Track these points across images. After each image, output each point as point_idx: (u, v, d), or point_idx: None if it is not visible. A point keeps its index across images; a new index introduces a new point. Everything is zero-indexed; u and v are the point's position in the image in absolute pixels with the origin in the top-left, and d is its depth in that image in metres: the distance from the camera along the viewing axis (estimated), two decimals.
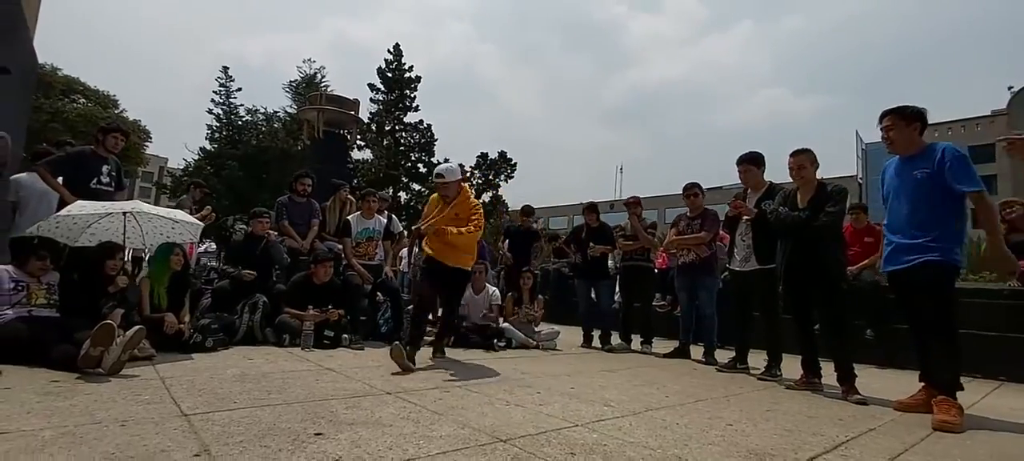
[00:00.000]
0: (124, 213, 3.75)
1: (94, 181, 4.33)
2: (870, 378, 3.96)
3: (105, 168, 4.46)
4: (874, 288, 5.21)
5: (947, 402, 2.61)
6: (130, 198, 4.99)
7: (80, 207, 3.58)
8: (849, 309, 3.95)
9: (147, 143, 29.57)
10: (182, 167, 26.55)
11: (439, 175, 3.84)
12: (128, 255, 5.58)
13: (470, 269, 4.09)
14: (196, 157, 25.89)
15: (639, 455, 1.84)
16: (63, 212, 3.61)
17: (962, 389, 2.72)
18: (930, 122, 3.08)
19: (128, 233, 3.70)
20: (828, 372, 3.39)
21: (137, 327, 2.81)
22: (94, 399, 2.18)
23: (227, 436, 1.78)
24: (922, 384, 2.96)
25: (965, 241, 2.84)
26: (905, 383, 3.43)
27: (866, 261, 5.43)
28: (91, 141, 4.63)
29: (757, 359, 4.13)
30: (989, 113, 38.91)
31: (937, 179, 2.81)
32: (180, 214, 4.12)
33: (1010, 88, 37.08)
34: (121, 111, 27.55)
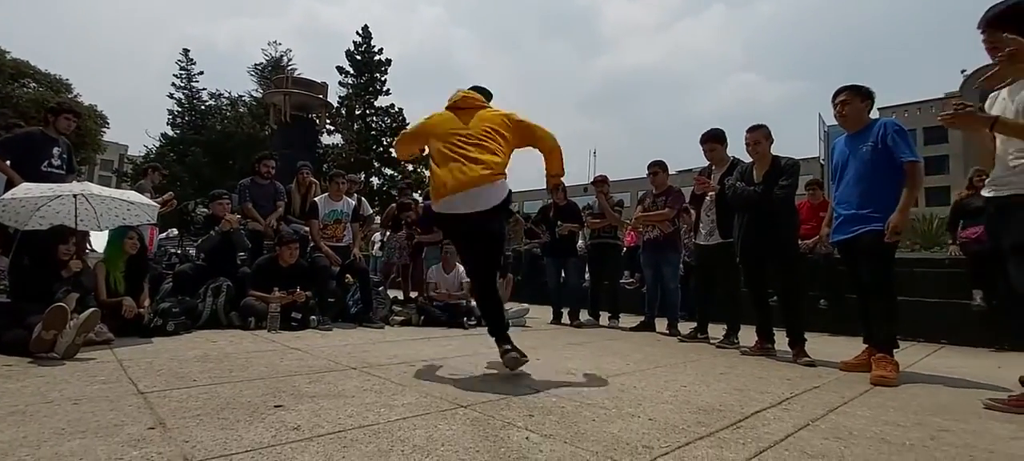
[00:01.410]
0: (74, 196, 3.62)
1: (45, 163, 4.16)
2: (822, 344, 4.16)
3: (56, 150, 4.28)
4: (828, 261, 5.46)
5: (885, 359, 2.78)
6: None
7: (26, 190, 3.45)
8: (804, 280, 4.13)
9: (104, 129, 28.25)
10: (143, 154, 25.58)
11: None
12: (89, 242, 5.40)
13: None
14: (157, 143, 25.00)
15: (594, 414, 1.92)
16: (8, 195, 3.46)
17: (898, 346, 2.90)
18: (886, 104, 3.26)
19: (81, 215, 3.58)
20: (781, 338, 3.55)
21: (91, 309, 2.75)
22: (46, 381, 2.14)
23: (184, 411, 1.78)
24: (866, 345, 3.14)
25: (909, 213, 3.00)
26: (855, 348, 3.60)
27: (818, 237, 5.64)
28: (41, 122, 4.44)
29: (718, 331, 4.27)
30: (942, 95, 40.50)
31: (880, 152, 2.97)
32: (135, 195, 3.99)
33: (963, 71, 38.65)
34: (75, 95, 26.23)
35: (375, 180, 26.97)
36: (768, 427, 1.84)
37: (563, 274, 5.75)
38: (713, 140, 4.20)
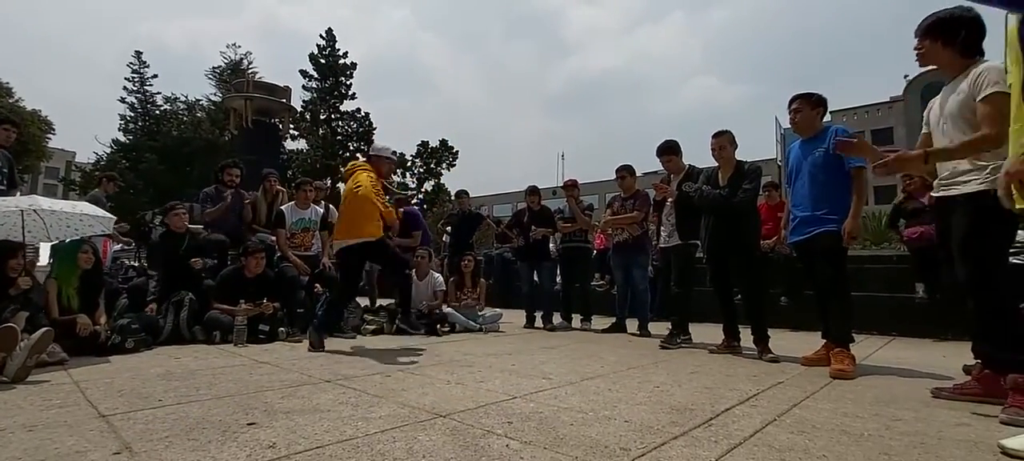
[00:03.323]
0: (21, 211, 3.43)
1: None
2: (784, 340, 4.33)
3: None
4: (788, 260, 5.68)
5: (842, 353, 2.93)
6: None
7: None
8: (766, 279, 4.29)
9: (49, 135, 26.69)
10: (93, 161, 24.35)
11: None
12: (41, 257, 5.11)
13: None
14: (109, 150, 23.84)
15: (572, 418, 1.95)
16: None
17: (854, 341, 3.07)
18: (837, 108, 3.44)
19: (29, 228, 3.39)
20: (747, 336, 3.69)
21: (44, 329, 2.61)
22: None
23: (150, 433, 1.71)
24: (824, 340, 3.29)
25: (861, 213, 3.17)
26: (814, 343, 3.77)
27: (777, 237, 5.88)
28: None
29: (695, 330, 4.35)
30: (888, 99, 42.80)
31: (832, 157, 3.13)
32: (86, 206, 3.81)
33: (905, 76, 40.98)
34: (16, 101, 24.71)
35: (342, 186, 26.46)
36: (738, 424, 1.92)
37: (536, 278, 5.79)
38: (668, 152, 4.35)
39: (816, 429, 1.87)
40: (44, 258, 5.43)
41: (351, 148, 27.11)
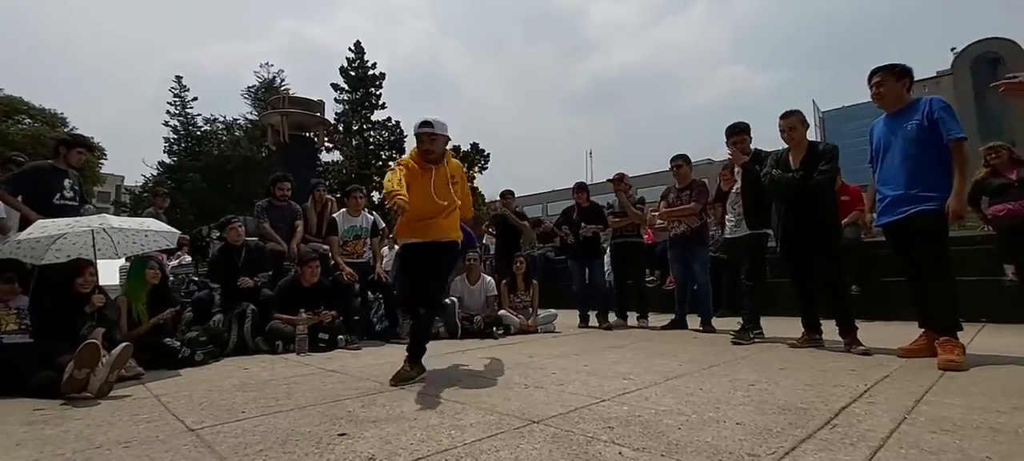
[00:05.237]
0: (92, 231, 3.51)
1: (57, 196, 4.05)
2: (862, 331, 4.04)
3: (67, 182, 4.17)
4: (857, 245, 5.35)
5: (950, 342, 2.67)
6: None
7: (41, 227, 3.34)
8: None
9: (103, 160, 28.10)
10: (140, 184, 25.50)
11: (427, 123, 2.86)
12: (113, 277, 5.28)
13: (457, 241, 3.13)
14: (155, 172, 24.90)
15: (676, 422, 1.81)
16: (24, 234, 3.35)
17: (961, 329, 2.80)
18: None
19: (99, 245, 3.47)
20: (827, 328, 3.45)
21: (124, 344, 2.63)
22: (87, 424, 2.02)
23: (244, 447, 1.66)
24: (922, 330, 3.03)
25: None
26: (896, 332, 3.52)
27: (846, 219, 5.53)
28: (50, 154, 4.33)
29: (765, 324, 4.10)
30: (934, 74, 40.68)
31: (927, 130, 2.87)
32: (153, 222, 3.88)
33: (953, 49, 38.93)
34: (71, 129, 26.13)
35: (375, 195, 26.87)
36: (864, 424, 1.73)
37: (588, 275, 5.62)
38: (744, 132, 4.10)
39: (960, 427, 1.67)
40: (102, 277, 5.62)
41: (384, 157, 27.50)
